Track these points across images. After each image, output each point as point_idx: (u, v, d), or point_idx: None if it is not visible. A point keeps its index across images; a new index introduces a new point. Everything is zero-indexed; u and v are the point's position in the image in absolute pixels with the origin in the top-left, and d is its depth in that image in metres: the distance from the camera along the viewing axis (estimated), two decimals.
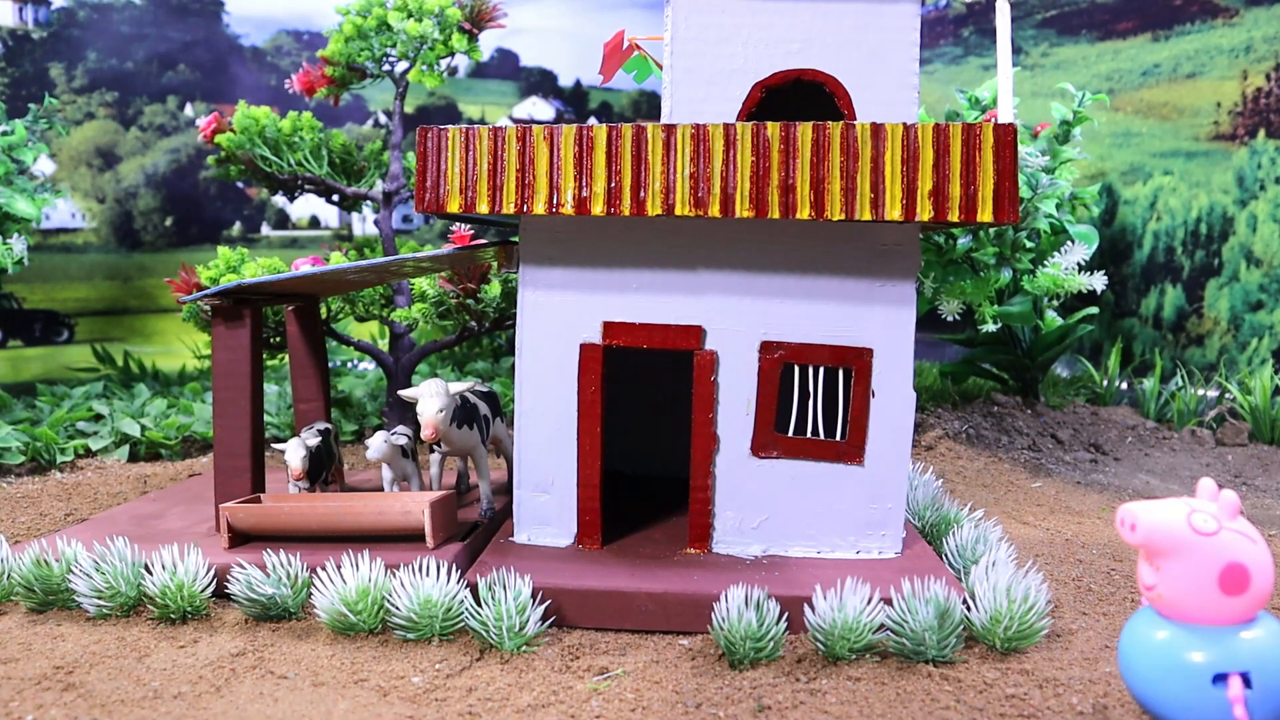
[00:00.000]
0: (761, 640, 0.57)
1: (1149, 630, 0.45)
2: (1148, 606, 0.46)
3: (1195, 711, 0.43)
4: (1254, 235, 1.63)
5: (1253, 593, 0.43)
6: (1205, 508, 0.44)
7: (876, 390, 0.70)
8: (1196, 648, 0.43)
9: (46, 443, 1.15)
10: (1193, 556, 0.43)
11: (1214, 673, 0.42)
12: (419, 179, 0.67)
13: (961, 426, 1.37)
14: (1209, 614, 0.43)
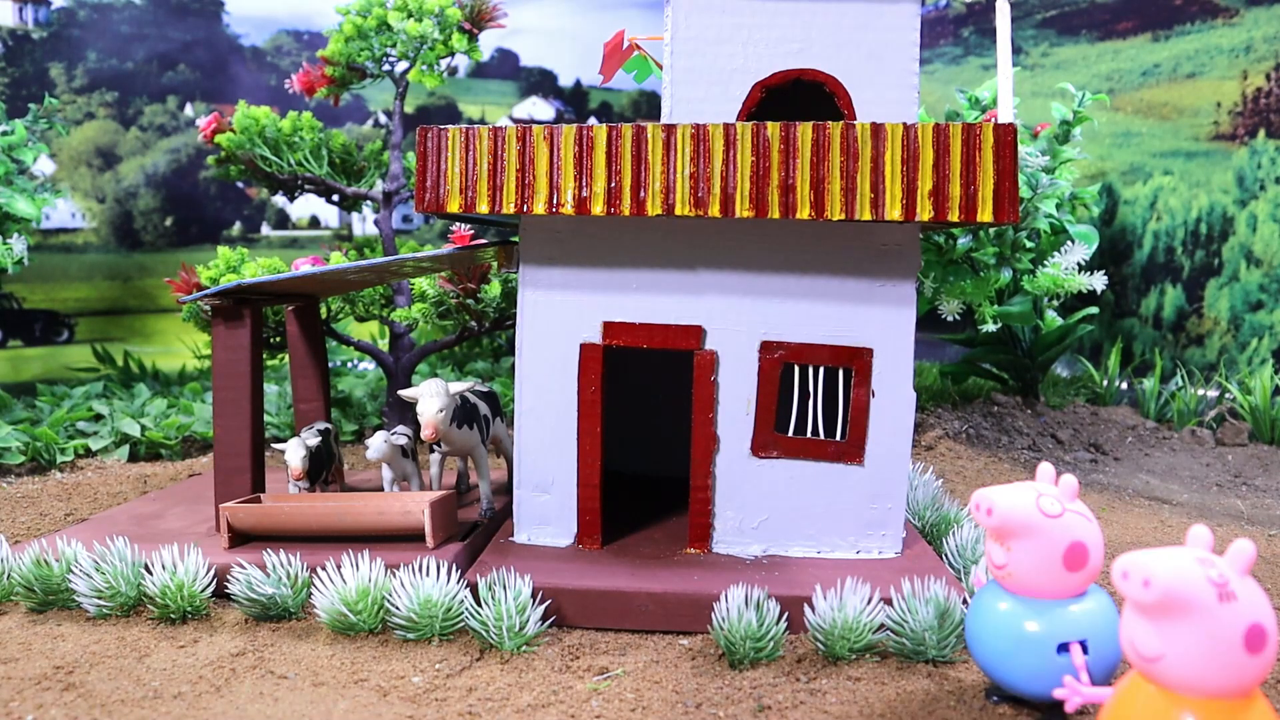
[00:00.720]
0: (761, 640, 0.57)
1: (997, 606, 0.49)
2: (992, 583, 0.50)
3: (1045, 679, 0.47)
4: (1254, 235, 1.63)
5: (1089, 568, 0.47)
6: (1049, 491, 0.48)
7: (876, 390, 0.70)
8: (1044, 620, 0.47)
9: (46, 443, 1.15)
10: (1041, 537, 0.46)
11: (1058, 642, 0.47)
12: (419, 179, 0.67)
13: (961, 426, 1.37)
14: (1054, 589, 0.47)
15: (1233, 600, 0.36)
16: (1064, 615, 0.47)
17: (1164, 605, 0.37)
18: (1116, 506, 1.04)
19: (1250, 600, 0.37)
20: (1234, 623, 0.36)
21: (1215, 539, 0.38)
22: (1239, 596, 0.36)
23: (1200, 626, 0.36)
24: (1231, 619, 0.36)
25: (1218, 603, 0.36)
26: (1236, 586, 0.37)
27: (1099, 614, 0.47)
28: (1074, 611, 0.47)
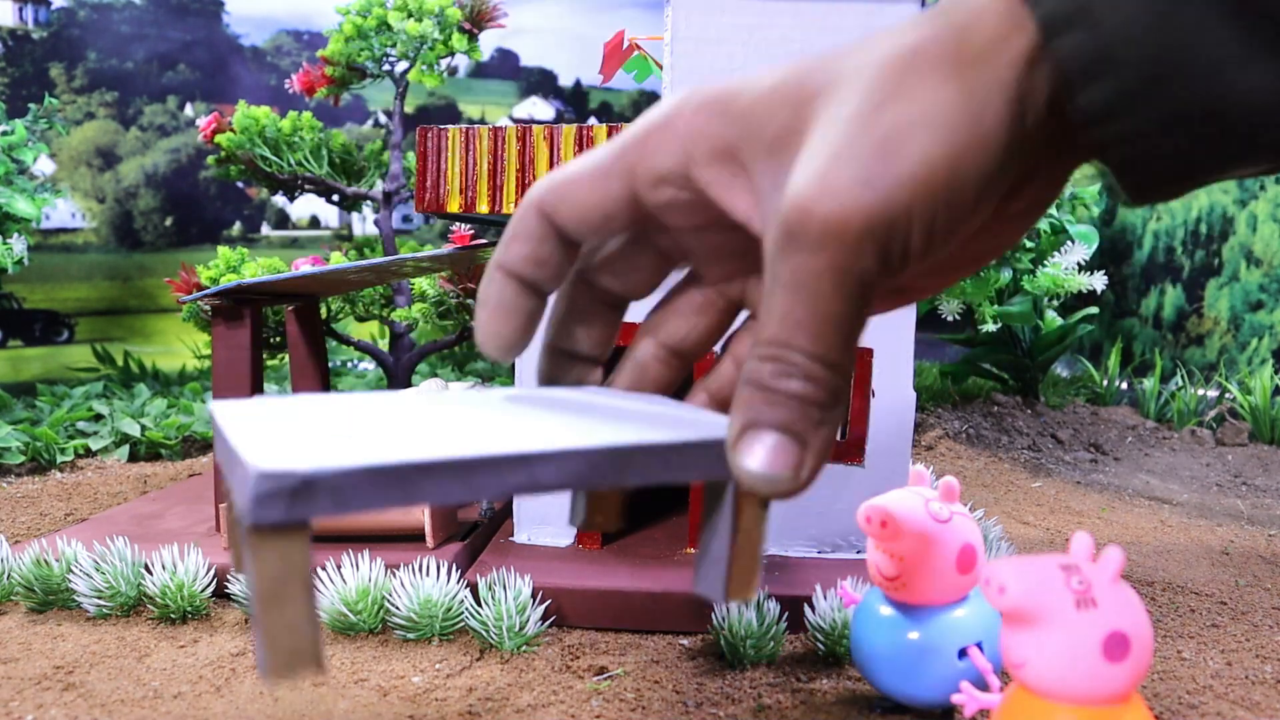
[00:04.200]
0: (761, 640, 0.57)
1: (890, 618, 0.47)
2: (876, 593, 0.48)
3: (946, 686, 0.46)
4: (1254, 235, 1.63)
5: (975, 569, 0.46)
6: (933, 495, 0.47)
7: (876, 390, 0.70)
8: (943, 628, 0.46)
9: (47, 443, 1.15)
10: (935, 543, 0.45)
11: (959, 648, 0.46)
12: (419, 179, 0.67)
13: (961, 426, 1.37)
14: (949, 594, 0.46)
15: (1092, 607, 0.36)
16: (961, 620, 0.46)
17: (1020, 612, 0.37)
18: (1116, 506, 1.04)
19: (1114, 608, 0.36)
20: (1092, 630, 0.36)
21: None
22: (1100, 604, 0.36)
23: (1057, 633, 0.36)
24: (1089, 626, 0.36)
25: (1075, 610, 0.36)
26: (1099, 593, 0.36)
27: (988, 615, 0.47)
28: (968, 615, 0.47)
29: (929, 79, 0.28)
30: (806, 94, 0.30)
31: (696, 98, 0.32)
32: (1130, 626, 0.36)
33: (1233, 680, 0.55)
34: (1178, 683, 0.55)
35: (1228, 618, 0.67)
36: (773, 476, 0.29)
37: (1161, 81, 0.26)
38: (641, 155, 0.33)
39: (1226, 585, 0.74)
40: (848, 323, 0.29)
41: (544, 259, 0.35)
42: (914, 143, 0.27)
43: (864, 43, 0.30)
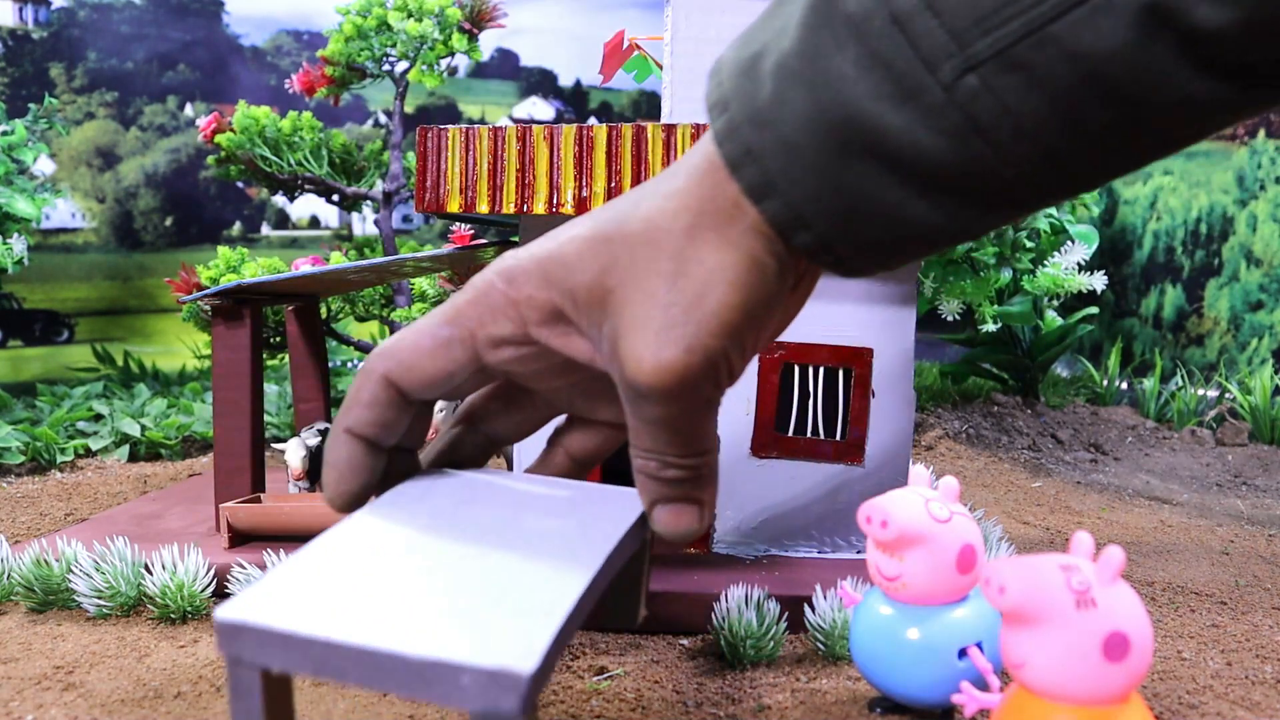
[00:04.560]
0: (761, 640, 0.57)
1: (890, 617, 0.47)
2: (876, 593, 0.48)
3: (945, 686, 0.46)
4: (1254, 235, 1.63)
5: (976, 569, 0.46)
6: (933, 495, 0.47)
7: (876, 390, 0.70)
8: (943, 627, 0.46)
9: (46, 443, 1.15)
10: (935, 543, 0.45)
11: (959, 648, 0.46)
12: (419, 179, 0.67)
13: (961, 426, 1.37)
14: (949, 594, 0.46)
15: (1092, 607, 0.36)
16: (961, 620, 0.46)
17: (1020, 612, 0.36)
18: (1116, 506, 1.04)
19: (1113, 608, 0.36)
20: (1092, 630, 0.36)
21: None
22: (1100, 604, 0.36)
23: (1057, 633, 0.36)
24: (1089, 626, 0.36)
25: (1075, 610, 0.36)
26: (1099, 593, 0.36)
27: (988, 615, 0.47)
28: (968, 615, 0.47)
29: (706, 245, 0.35)
30: (606, 261, 0.36)
31: (520, 269, 0.37)
32: (1130, 626, 0.36)
33: (1233, 680, 0.55)
34: (1178, 683, 0.55)
35: (1228, 618, 0.67)
36: (683, 532, 0.38)
37: (851, 225, 0.34)
38: (480, 323, 0.37)
39: (1226, 585, 0.74)
40: (702, 427, 0.37)
41: (390, 422, 0.39)
42: (712, 300, 0.34)
43: (639, 208, 0.36)
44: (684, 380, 0.35)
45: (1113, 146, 0.32)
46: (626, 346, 0.35)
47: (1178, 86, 0.29)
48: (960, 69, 0.30)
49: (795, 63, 0.33)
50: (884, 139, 0.32)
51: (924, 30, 0.31)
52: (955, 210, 0.33)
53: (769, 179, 0.34)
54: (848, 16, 0.32)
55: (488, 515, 0.39)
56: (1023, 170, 0.32)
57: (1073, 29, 0.29)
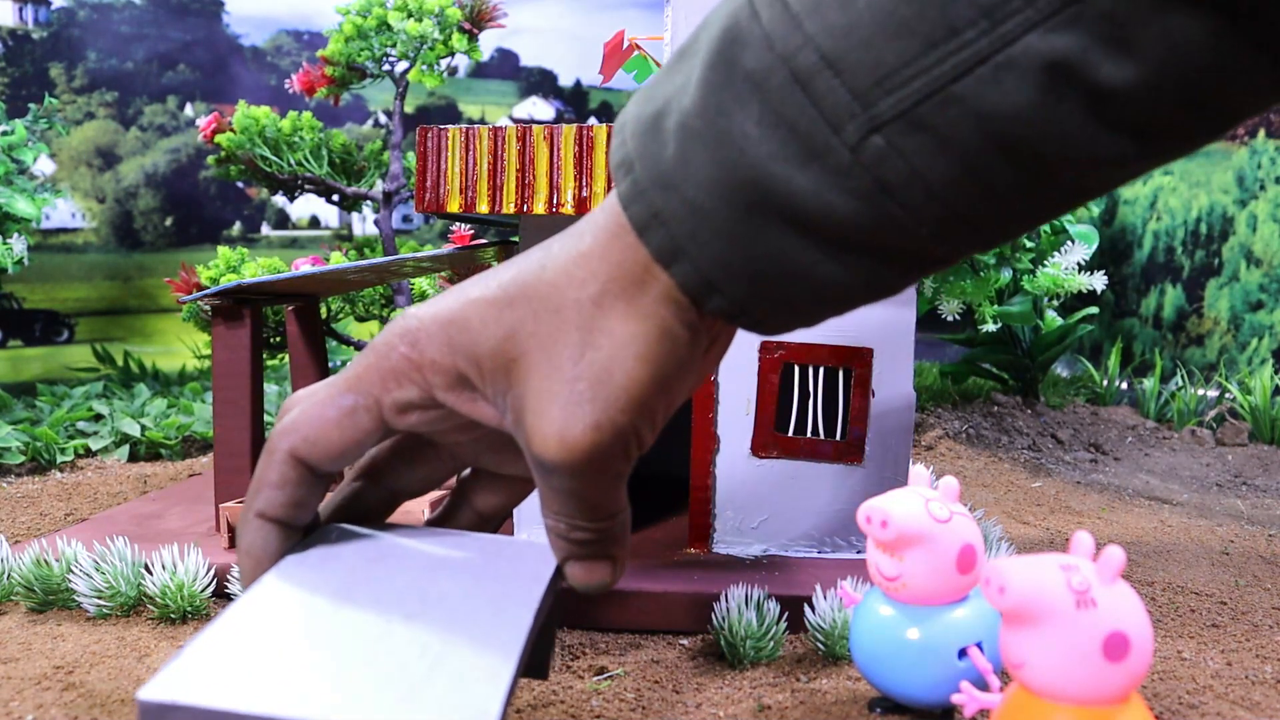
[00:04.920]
0: (761, 640, 0.57)
1: (890, 618, 0.47)
2: (876, 592, 0.48)
3: (945, 686, 0.46)
4: (1254, 235, 1.63)
5: (975, 569, 0.46)
6: (932, 495, 0.46)
7: (876, 390, 0.70)
8: (943, 627, 0.46)
9: (46, 443, 1.15)
10: (935, 543, 0.45)
11: (959, 648, 0.46)
12: (419, 179, 0.67)
13: (961, 426, 1.37)
14: (949, 594, 0.46)
15: (1092, 607, 0.36)
16: (961, 620, 0.46)
17: (1020, 612, 0.36)
18: (1117, 507, 1.04)
19: (1113, 607, 0.36)
20: (1092, 630, 0.36)
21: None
22: (1100, 604, 0.36)
23: (1057, 633, 0.36)
24: (1089, 626, 0.36)
25: (1075, 610, 0.36)
26: (1099, 593, 0.36)
27: (988, 615, 0.47)
28: (968, 615, 0.47)
29: (614, 316, 0.34)
30: (511, 327, 0.35)
31: (423, 331, 0.36)
32: (1130, 626, 0.36)
33: (1233, 680, 0.55)
34: (1178, 683, 0.55)
35: (1228, 618, 0.67)
36: (598, 585, 0.39)
37: (765, 288, 0.33)
38: (384, 389, 0.36)
39: (1226, 585, 0.74)
40: (611, 494, 0.37)
41: (302, 500, 0.38)
42: (620, 375, 0.34)
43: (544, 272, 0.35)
44: (592, 459, 0.34)
45: (1024, 204, 0.31)
46: (531, 421, 0.34)
47: (1085, 144, 0.29)
48: (865, 129, 0.29)
49: (697, 122, 0.32)
50: (791, 201, 0.31)
51: (825, 90, 0.30)
52: (871, 270, 0.33)
53: (677, 244, 0.33)
54: (748, 74, 0.31)
55: (404, 577, 0.38)
56: (936, 229, 0.31)
57: (976, 88, 0.28)
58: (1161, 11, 0.27)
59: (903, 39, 0.29)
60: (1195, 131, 0.30)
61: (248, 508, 0.38)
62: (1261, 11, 0.26)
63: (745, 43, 0.31)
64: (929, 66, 0.28)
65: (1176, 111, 0.29)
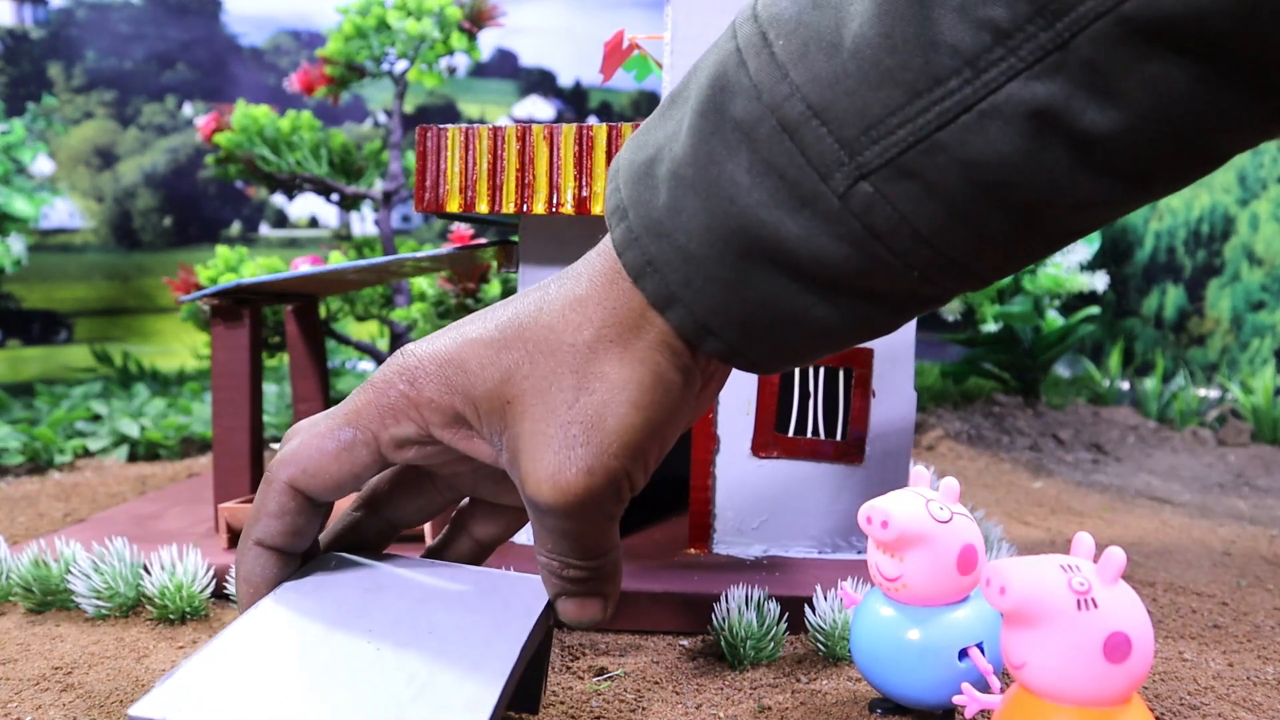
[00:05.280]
0: (762, 640, 0.57)
1: (891, 618, 0.47)
2: (876, 593, 0.48)
3: (947, 687, 0.46)
4: (1255, 235, 1.63)
5: (976, 570, 0.46)
6: (933, 495, 0.46)
7: (877, 390, 0.70)
8: (944, 628, 0.46)
9: (45, 443, 1.15)
10: (936, 544, 0.45)
11: (959, 649, 0.45)
12: (418, 178, 0.67)
13: (962, 427, 1.37)
14: (950, 595, 0.46)
15: (1093, 608, 0.35)
16: (961, 621, 0.46)
17: (1021, 612, 0.36)
18: (1118, 507, 1.04)
19: (1114, 608, 0.36)
20: (1093, 631, 0.35)
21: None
22: (1101, 604, 0.36)
23: (1057, 634, 0.36)
24: (1090, 627, 0.35)
25: (1076, 610, 0.35)
26: (1101, 594, 0.36)
27: (989, 616, 0.46)
28: (969, 616, 0.46)
29: (609, 360, 0.34)
30: (507, 369, 0.35)
31: (421, 370, 0.37)
32: (1131, 627, 0.36)
33: (1234, 681, 0.55)
34: (1179, 684, 0.55)
35: (1229, 618, 0.66)
36: (589, 621, 0.39)
37: (759, 331, 0.34)
38: (382, 424, 0.37)
39: (1228, 586, 0.74)
40: (603, 533, 0.37)
41: (300, 529, 0.39)
42: (614, 420, 0.34)
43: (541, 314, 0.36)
44: (584, 501, 0.34)
45: (1013, 246, 0.31)
46: (526, 462, 0.35)
47: (1072, 189, 0.29)
48: (852, 177, 0.30)
49: (688, 170, 0.32)
50: (782, 246, 0.31)
51: (813, 139, 0.30)
52: (862, 311, 0.33)
53: (671, 290, 0.33)
54: (737, 123, 0.31)
55: (398, 606, 0.39)
56: (926, 272, 0.31)
57: (961, 136, 0.28)
58: (1144, 59, 0.27)
59: (887, 89, 0.29)
60: (1182, 172, 0.30)
61: (246, 535, 0.39)
62: (1244, 56, 0.26)
63: (733, 91, 0.31)
64: (913, 115, 0.29)
65: (1163, 154, 0.29)
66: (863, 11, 0.29)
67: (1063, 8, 0.27)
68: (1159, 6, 0.26)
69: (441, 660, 0.35)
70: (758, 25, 0.32)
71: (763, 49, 0.31)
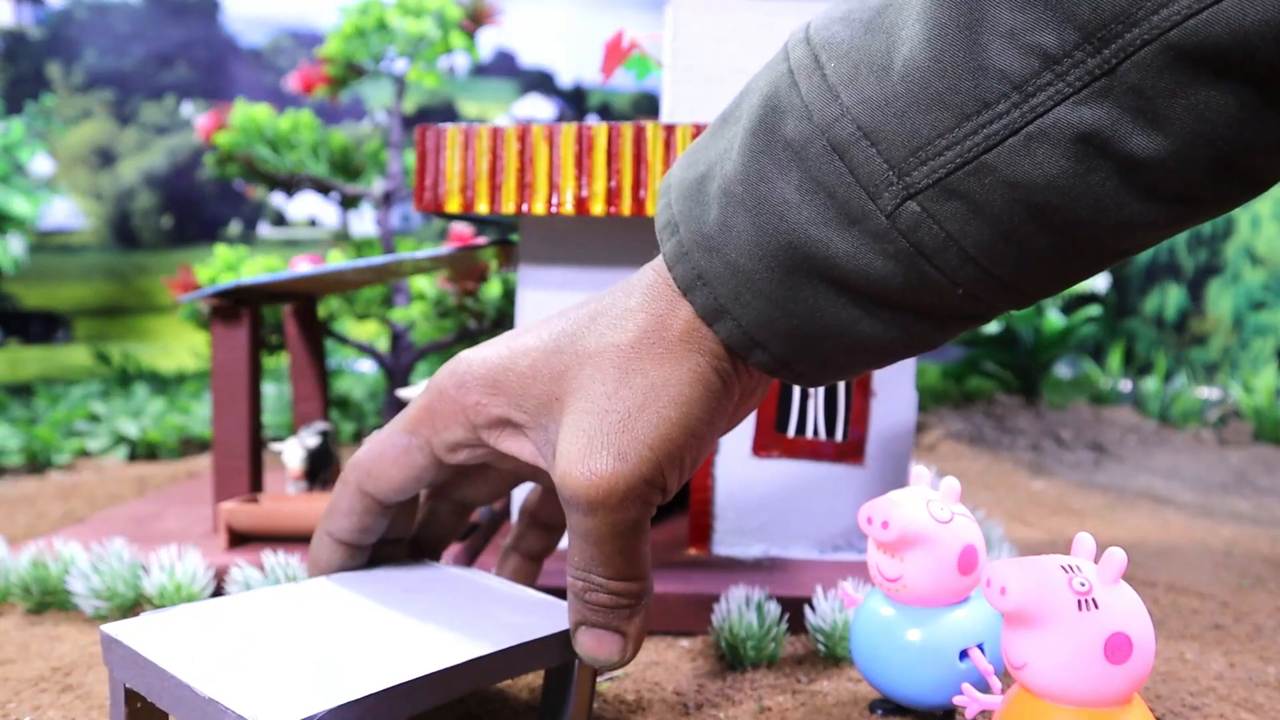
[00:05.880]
0: (762, 641, 0.56)
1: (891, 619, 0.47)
2: (877, 593, 0.48)
3: (947, 688, 0.46)
4: (1256, 235, 1.63)
5: (977, 570, 0.46)
6: (934, 496, 0.46)
7: (877, 390, 0.70)
8: (944, 629, 0.46)
9: (44, 443, 1.15)
10: (937, 544, 0.45)
11: (960, 649, 0.45)
12: (418, 178, 0.67)
13: (963, 427, 1.37)
14: (950, 595, 0.46)
15: (1094, 609, 0.35)
16: (962, 621, 0.46)
17: (1022, 613, 0.36)
18: (1119, 507, 1.04)
19: (1115, 609, 0.36)
20: (1094, 632, 0.35)
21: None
22: (1101, 605, 0.36)
23: (1058, 635, 0.36)
24: (1091, 628, 0.35)
25: (1077, 611, 0.35)
26: (1101, 595, 0.36)
27: (989, 617, 0.46)
28: (969, 616, 0.46)
29: (649, 363, 0.36)
30: (558, 370, 0.37)
31: (471, 376, 0.39)
32: (1132, 628, 0.36)
33: (1235, 682, 0.55)
34: (1180, 684, 0.55)
35: (1230, 619, 0.66)
36: (603, 660, 0.39)
37: (806, 344, 0.35)
38: (434, 430, 0.40)
39: (1229, 586, 0.74)
40: (631, 551, 0.37)
41: (368, 526, 0.43)
42: (651, 413, 0.35)
43: (595, 323, 0.37)
44: (612, 489, 0.35)
45: (1057, 266, 0.32)
46: (561, 451, 0.36)
47: (1117, 211, 0.30)
48: (900, 197, 0.31)
49: (739, 188, 0.33)
50: (831, 263, 0.32)
51: (862, 159, 0.31)
52: (908, 326, 0.34)
53: (720, 303, 0.34)
54: (787, 142, 0.32)
55: (402, 603, 0.42)
56: (972, 290, 0.32)
57: (1009, 158, 0.29)
58: (1190, 85, 0.27)
59: (936, 111, 0.30)
60: (1227, 196, 0.30)
61: (322, 525, 0.44)
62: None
63: (785, 111, 0.32)
64: (962, 138, 0.29)
65: (1208, 179, 0.29)
66: (913, 37, 0.30)
67: (1110, 35, 0.27)
68: (1205, 34, 0.26)
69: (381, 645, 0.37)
70: (810, 48, 0.33)
71: (814, 71, 0.32)
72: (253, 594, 0.42)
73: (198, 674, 0.34)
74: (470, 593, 0.44)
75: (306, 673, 0.34)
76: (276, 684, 0.33)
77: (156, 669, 0.35)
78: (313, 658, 0.36)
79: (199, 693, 0.33)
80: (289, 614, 0.40)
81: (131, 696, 0.37)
